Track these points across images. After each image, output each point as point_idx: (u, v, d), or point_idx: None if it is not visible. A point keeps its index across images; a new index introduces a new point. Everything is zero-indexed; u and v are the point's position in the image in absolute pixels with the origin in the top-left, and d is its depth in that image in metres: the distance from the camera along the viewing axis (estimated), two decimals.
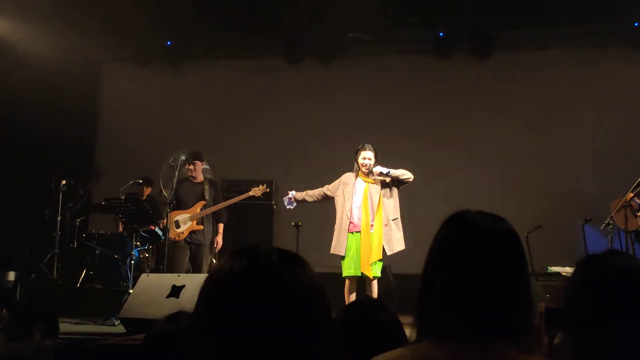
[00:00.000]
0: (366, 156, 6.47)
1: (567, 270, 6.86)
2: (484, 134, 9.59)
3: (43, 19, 8.68)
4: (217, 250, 7.35)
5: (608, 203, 7.36)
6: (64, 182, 8.49)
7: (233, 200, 7.44)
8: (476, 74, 9.75)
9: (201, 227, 7.22)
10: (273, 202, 9.16)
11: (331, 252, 6.49)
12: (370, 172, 6.45)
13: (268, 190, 7.67)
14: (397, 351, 1.35)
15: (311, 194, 6.81)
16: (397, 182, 6.49)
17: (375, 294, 6.37)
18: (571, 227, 7.60)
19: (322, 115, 9.91)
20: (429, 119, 9.77)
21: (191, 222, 7.17)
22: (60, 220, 8.46)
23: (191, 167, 7.30)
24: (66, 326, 6.10)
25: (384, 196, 6.43)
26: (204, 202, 7.27)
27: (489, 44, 9.55)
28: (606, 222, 6.77)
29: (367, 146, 6.53)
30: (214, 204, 7.32)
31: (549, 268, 7.20)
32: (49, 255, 8.31)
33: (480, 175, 9.37)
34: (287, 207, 6.84)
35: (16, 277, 7.77)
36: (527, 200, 8.93)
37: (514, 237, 1.43)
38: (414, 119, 9.77)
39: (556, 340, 1.63)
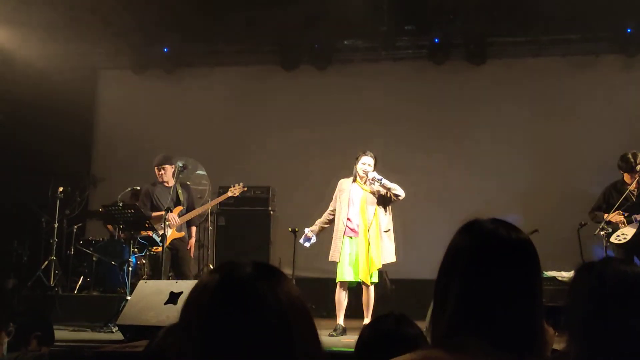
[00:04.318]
0: (366, 162, 6.48)
1: (563, 274, 6.90)
2: (479, 139, 9.64)
3: (40, 27, 8.70)
4: (191, 254, 7.27)
5: None
6: (61, 189, 8.49)
7: (212, 203, 7.41)
8: (471, 80, 9.80)
9: (182, 234, 7.18)
10: (270, 209, 9.18)
11: (329, 259, 6.50)
12: (365, 180, 6.46)
13: (245, 189, 7.66)
14: (406, 356, 1.36)
15: (323, 220, 6.71)
16: (388, 197, 6.47)
17: (372, 300, 6.37)
18: (567, 232, 7.62)
19: (318, 121, 9.94)
20: (424, 125, 9.81)
21: (171, 230, 7.09)
22: (57, 227, 8.45)
23: (161, 172, 7.24)
24: (64, 333, 6.10)
25: (378, 207, 6.44)
26: (181, 207, 7.23)
27: (484, 50, 9.61)
28: (600, 226, 6.80)
29: (368, 152, 6.56)
30: (188, 208, 7.27)
31: (545, 273, 7.23)
32: (46, 263, 8.31)
33: (476, 181, 9.41)
34: (306, 245, 6.68)
35: (13, 285, 7.76)
36: (522, 205, 8.98)
37: (531, 247, 1.42)
38: (409, 125, 9.81)
39: (562, 347, 1.65)
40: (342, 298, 6.39)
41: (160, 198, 7.22)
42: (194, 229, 7.43)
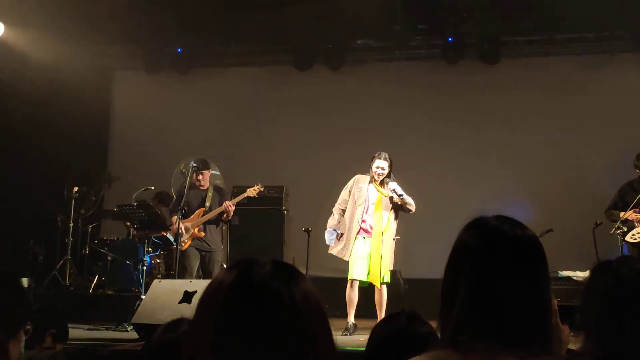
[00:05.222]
0: (379, 165, 6.44)
1: (578, 274, 6.86)
2: (493, 139, 9.60)
3: (55, 28, 8.77)
4: (230, 215, 7.23)
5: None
6: (76, 188, 8.57)
7: (228, 203, 7.37)
8: (485, 80, 9.76)
9: (202, 234, 7.22)
10: (284, 208, 9.18)
11: (335, 253, 6.47)
12: (384, 183, 6.45)
13: (262, 189, 7.68)
14: (415, 358, 1.35)
15: (339, 212, 6.62)
16: (400, 207, 6.48)
17: (385, 300, 6.36)
18: (582, 231, 7.57)
19: (331, 121, 9.95)
20: (438, 124, 9.78)
21: (192, 230, 7.16)
22: (72, 226, 8.53)
23: (200, 177, 7.32)
24: (79, 332, 6.15)
25: (391, 212, 6.47)
26: (203, 209, 7.28)
27: (497, 50, 9.56)
28: (616, 226, 6.76)
29: (383, 155, 6.50)
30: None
31: (559, 272, 7.19)
32: (61, 262, 8.38)
33: (490, 180, 9.38)
34: (331, 240, 6.60)
35: (29, 284, 7.83)
36: (537, 204, 8.93)
37: (537, 243, 1.41)
38: (422, 124, 9.79)
39: (578, 346, 1.64)
40: (353, 296, 6.38)
41: (190, 201, 7.29)
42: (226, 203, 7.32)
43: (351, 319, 6.34)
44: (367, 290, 6.66)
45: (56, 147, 9.28)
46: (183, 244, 7.14)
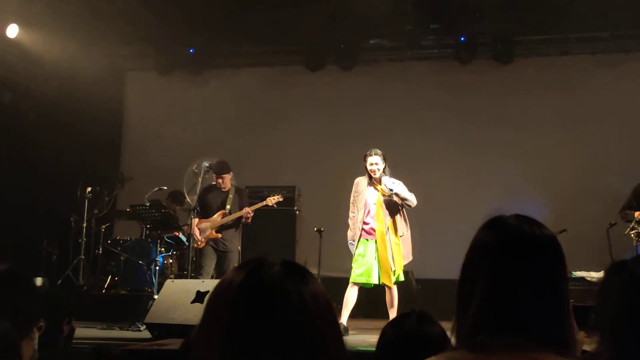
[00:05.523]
0: (372, 161, 6.39)
1: (592, 275, 6.79)
2: (506, 139, 9.55)
3: (68, 29, 8.84)
4: (249, 220, 7.25)
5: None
6: (89, 189, 8.61)
7: (247, 209, 7.35)
8: (498, 79, 9.72)
9: (219, 235, 7.22)
10: (295, 208, 9.19)
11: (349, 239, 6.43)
12: (379, 180, 6.40)
13: (282, 199, 7.65)
14: (431, 359, 1.34)
15: (351, 221, 6.56)
16: (400, 204, 6.39)
17: (396, 300, 6.31)
18: (596, 231, 7.52)
19: (343, 121, 9.94)
20: (451, 124, 9.74)
21: (210, 231, 7.19)
22: (85, 226, 8.57)
23: (220, 180, 7.31)
24: (92, 331, 6.18)
25: (393, 210, 6.37)
26: (224, 211, 7.29)
27: (511, 49, 9.51)
28: (631, 226, 6.70)
29: (373, 151, 6.44)
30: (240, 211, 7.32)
31: (573, 273, 7.13)
32: (75, 262, 8.43)
33: (503, 180, 9.33)
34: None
35: (43, 283, 7.89)
36: (550, 204, 8.88)
37: (556, 243, 1.39)
38: (435, 125, 9.76)
39: (592, 347, 1.62)
40: (349, 297, 6.28)
41: (210, 201, 7.30)
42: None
43: (343, 320, 6.24)
44: (378, 290, 6.62)
45: (69, 148, 9.33)
46: (200, 243, 7.17)
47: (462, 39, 9.57)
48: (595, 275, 6.69)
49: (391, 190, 6.25)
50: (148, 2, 8.70)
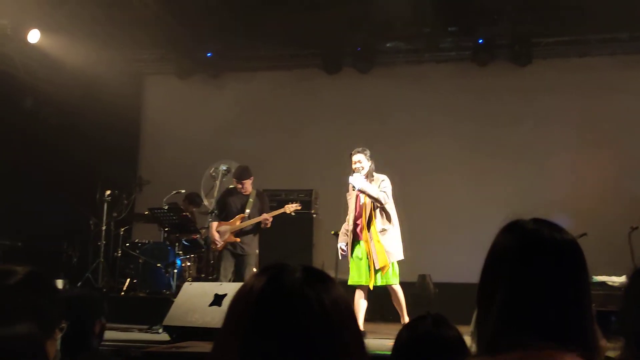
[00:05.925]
0: (355, 160, 6.30)
1: (614, 279, 6.72)
2: (525, 141, 9.49)
3: (87, 34, 8.93)
4: (268, 225, 7.25)
5: None
6: (108, 192, 8.68)
7: (267, 215, 7.34)
8: (516, 82, 9.65)
9: (237, 239, 7.23)
10: (312, 211, 9.18)
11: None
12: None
13: (300, 207, 7.64)
14: None
15: (345, 227, 6.51)
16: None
17: (401, 299, 6.16)
18: (617, 235, 7.44)
19: (360, 124, 9.92)
20: (468, 127, 9.70)
21: (229, 234, 7.20)
22: (104, 229, 8.65)
23: (239, 185, 7.31)
24: (112, 333, 6.22)
25: (373, 209, 6.21)
26: (243, 215, 7.30)
27: (529, 51, 9.45)
28: None
29: (355, 150, 6.38)
30: (260, 216, 7.32)
31: (594, 277, 7.06)
32: (94, 264, 8.51)
33: (522, 183, 9.26)
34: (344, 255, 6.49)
35: (64, 286, 7.96)
36: (571, 208, 8.79)
37: (577, 247, 1.37)
38: (452, 127, 9.72)
39: (615, 354, 1.61)
40: (358, 302, 6.14)
41: (230, 204, 7.31)
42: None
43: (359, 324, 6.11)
44: (389, 293, 6.51)
45: (88, 151, 9.42)
46: (218, 245, 7.18)
47: (480, 41, 9.53)
48: (616, 279, 6.62)
49: (354, 188, 6.19)
50: (167, 7, 8.76)
